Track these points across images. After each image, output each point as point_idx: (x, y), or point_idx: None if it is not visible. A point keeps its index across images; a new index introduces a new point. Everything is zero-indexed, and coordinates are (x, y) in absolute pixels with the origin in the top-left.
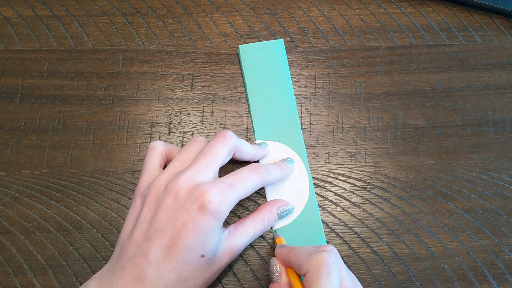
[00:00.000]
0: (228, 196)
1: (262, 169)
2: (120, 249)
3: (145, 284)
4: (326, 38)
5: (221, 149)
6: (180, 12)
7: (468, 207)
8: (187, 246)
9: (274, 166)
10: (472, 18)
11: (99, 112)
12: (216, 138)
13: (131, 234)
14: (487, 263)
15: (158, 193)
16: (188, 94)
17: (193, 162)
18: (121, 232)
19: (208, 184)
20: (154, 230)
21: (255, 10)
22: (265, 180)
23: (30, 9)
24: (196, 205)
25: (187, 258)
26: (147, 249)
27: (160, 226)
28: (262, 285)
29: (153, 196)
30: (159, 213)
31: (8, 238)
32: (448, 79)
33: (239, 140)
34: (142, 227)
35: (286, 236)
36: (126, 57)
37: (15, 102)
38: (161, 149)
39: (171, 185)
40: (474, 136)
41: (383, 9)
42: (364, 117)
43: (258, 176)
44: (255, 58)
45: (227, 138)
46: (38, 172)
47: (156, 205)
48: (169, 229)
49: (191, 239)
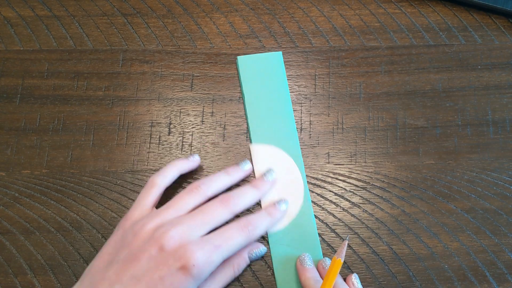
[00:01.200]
0: (213, 259)
1: (250, 226)
2: (89, 282)
3: None
4: (326, 38)
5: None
6: (180, 12)
7: (468, 207)
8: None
9: (263, 217)
10: (472, 18)
11: (99, 112)
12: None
13: (105, 269)
14: (487, 263)
15: (144, 237)
16: (188, 94)
17: (188, 217)
18: (94, 261)
19: (195, 245)
20: (130, 275)
21: (255, 10)
22: (253, 238)
23: (30, 9)
24: (179, 264)
25: None
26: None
27: (137, 273)
28: (262, 285)
29: (137, 239)
30: (139, 259)
31: (8, 238)
32: (448, 79)
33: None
34: (118, 267)
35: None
36: (126, 57)
37: (15, 102)
38: (160, 188)
39: (159, 236)
40: (474, 136)
41: (383, 9)
42: (364, 117)
43: (246, 235)
44: (253, 69)
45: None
46: (38, 172)
47: (139, 250)
48: (145, 279)
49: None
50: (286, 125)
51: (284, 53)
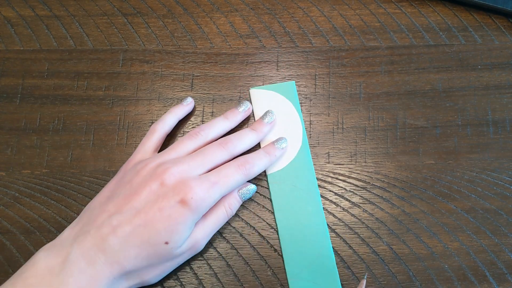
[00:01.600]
0: (210, 194)
1: (248, 164)
2: (88, 215)
3: (106, 253)
4: (326, 38)
5: (219, 156)
6: (180, 12)
7: (468, 207)
8: (156, 229)
9: (261, 155)
10: (472, 18)
11: (99, 112)
12: (218, 145)
13: (105, 204)
14: (487, 263)
15: (145, 174)
16: (188, 94)
17: (188, 157)
18: (94, 198)
19: (194, 181)
20: (130, 206)
21: (255, 10)
22: (251, 175)
23: (30, 9)
24: (178, 197)
25: (151, 240)
26: (117, 221)
27: (136, 205)
28: (262, 285)
29: (140, 176)
30: (140, 193)
31: (8, 238)
32: (448, 79)
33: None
34: (118, 200)
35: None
36: (126, 57)
37: (15, 102)
38: (160, 134)
39: (161, 171)
40: (474, 136)
41: (383, 9)
42: (364, 117)
43: (243, 173)
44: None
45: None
46: (38, 172)
47: (140, 184)
48: (145, 209)
49: (162, 224)
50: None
51: (284, 53)
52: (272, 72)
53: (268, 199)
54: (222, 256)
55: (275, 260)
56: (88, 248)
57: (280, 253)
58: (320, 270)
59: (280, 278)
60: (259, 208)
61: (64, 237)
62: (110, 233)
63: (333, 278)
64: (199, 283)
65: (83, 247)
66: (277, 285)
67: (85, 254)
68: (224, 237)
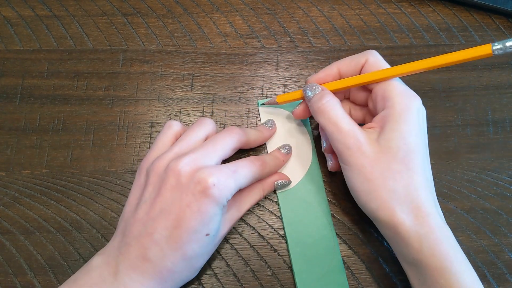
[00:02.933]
0: (230, 182)
1: (261, 161)
2: (124, 226)
3: (152, 262)
4: (326, 38)
5: (230, 142)
6: (180, 12)
7: (468, 207)
8: (192, 227)
9: (271, 158)
10: (472, 18)
11: (99, 112)
12: (226, 132)
13: (135, 212)
14: (487, 263)
15: (160, 172)
16: (188, 94)
17: (199, 147)
18: (125, 208)
19: (212, 168)
20: (158, 209)
21: (255, 10)
22: (264, 172)
23: (30, 9)
24: (199, 187)
25: (192, 239)
26: (152, 228)
27: (164, 206)
28: (262, 285)
29: (156, 175)
30: (163, 193)
31: (8, 238)
32: (448, 79)
33: (246, 134)
34: (146, 206)
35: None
36: (126, 57)
37: (15, 102)
38: (176, 130)
39: (173, 165)
40: (474, 136)
41: (383, 9)
42: None
43: (258, 168)
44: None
45: (236, 134)
46: (38, 172)
47: (160, 184)
48: (174, 209)
49: (196, 220)
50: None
51: (284, 53)
52: (272, 72)
53: (268, 199)
54: (222, 256)
55: (275, 260)
56: (134, 259)
57: (280, 253)
58: (331, 284)
59: (280, 278)
60: (259, 208)
61: (111, 247)
62: (149, 242)
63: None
64: (199, 283)
65: (128, 258)
66: (277, 285)
67: (132, 265)
68: (224, 237)
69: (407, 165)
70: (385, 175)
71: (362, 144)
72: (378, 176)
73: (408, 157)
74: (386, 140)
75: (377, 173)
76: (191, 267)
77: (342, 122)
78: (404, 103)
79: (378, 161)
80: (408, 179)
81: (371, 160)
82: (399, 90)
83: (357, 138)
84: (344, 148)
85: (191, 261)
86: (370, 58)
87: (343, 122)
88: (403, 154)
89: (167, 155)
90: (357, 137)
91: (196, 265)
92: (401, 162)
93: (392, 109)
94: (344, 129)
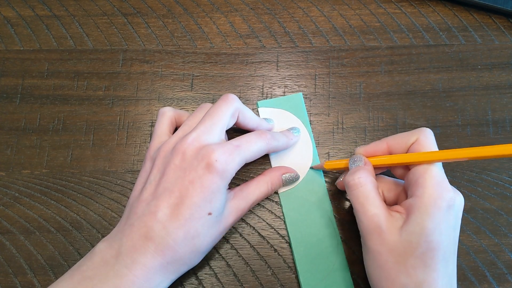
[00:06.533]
0: (234, 156)
1: (268, 135)
2: (129, 210)
3: (154, 241)
4: (326, 38)
5: (225, 110)
6: (180, 12)
7: (468, 207)
8: (195, 203)
9: (280, 134)
10: (472, 18)
11: (99, 112)
12: (219, 101)
13: (140, 194)
14: (487, 263)
15: (166, 155)
16: (188, 94)
17: (198, 124)
18: (131, 193)
19: (215, 144)
20: (162, 189)
21: (255, 10)
22: (271, 146)
23: (30, 9)
24: (203, 163)
25: (194, 215)
26: (155, 207)
27: (168, 185)
28: (262, 285)
29: (161, 158)
30: (167, 173)
31: (8, 238)
32: (448, 79)
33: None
34: (151, 187)
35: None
36: (126, 57)
37: (15, 102)
38: (170, 115)
39: (179, 146)
40: (474, 136)
41: (383, 9)
42: (364, 117)
43: (264, 141)
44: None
45: (230, 100)
46: (38, 172)
47: (165, 165)
48: (177, 187)
49: (198, 196)
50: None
51: (284, 53)
52: (272, 72)
53: (269, 199)
54: (222, 256)
55: (275, 260)
56: (137, 239)
57: (281, 253)
58: (336, 283)
59: (280, 278)
60: (259, 208)
61: (115, 232)
62: (152, 220)
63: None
64: (199, 283)
65: (132, 238)
66: (277, 285)
67: (135, 245)
68: (224, 237)
69: (425, 262)
70: (399, 268)
71: (383, 232)
72: (392, 267)
73: (427, 255)
74: (407, 233)
75: (392, 264)
76: (194, 248)
77: (368, 203)
78: (433, 198)
79: (395, 252)
80: (424, 276)
81: (389, 250)
82: (434, 181)
83: (379, 224)
84: (365, 231)
85: (193, 241)
86: (421, 137)
87: (370, 204)
88: (423, 250)
89: (172, 140)
90: (379, 224)
91: (199, 247)
92: (419, 258)
93: (420, 200)
94: (369, 212)
